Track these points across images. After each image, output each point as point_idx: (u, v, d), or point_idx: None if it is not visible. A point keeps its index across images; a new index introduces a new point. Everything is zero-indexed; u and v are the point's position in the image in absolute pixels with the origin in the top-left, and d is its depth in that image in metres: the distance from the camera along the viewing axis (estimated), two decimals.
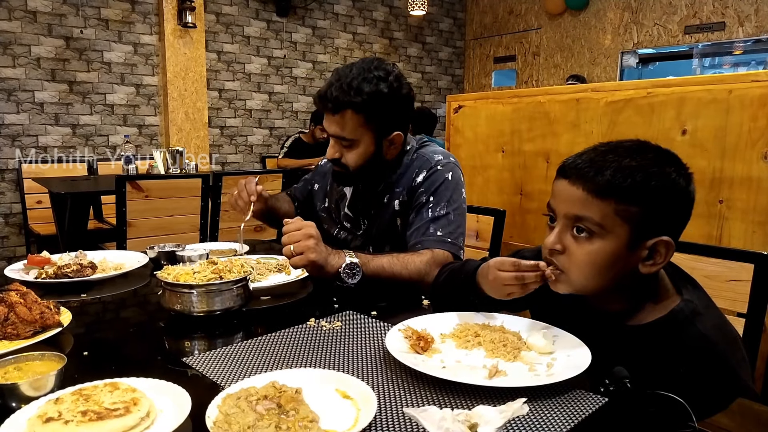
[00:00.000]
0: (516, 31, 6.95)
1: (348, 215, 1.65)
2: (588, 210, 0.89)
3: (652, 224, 0.89)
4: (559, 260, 0.94)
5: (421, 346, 0.95)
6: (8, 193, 4.53)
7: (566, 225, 0.93)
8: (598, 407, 0.79)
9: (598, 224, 0.89)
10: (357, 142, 1.44)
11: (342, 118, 1.40)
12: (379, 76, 1.39)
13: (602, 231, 0.89)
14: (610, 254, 0.90)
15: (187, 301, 1.11)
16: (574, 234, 0.92)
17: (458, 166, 1.56)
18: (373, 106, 1.39)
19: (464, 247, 1.48)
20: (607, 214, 0.88)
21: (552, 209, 0.97)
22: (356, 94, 1.37)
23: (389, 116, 1.43)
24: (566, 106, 2.24)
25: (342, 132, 1.42)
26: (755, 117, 1.73)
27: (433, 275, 1.39)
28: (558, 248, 0.93)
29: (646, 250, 0.90)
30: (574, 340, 0.98)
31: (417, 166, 1.52)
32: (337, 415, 0.75)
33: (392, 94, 1.40)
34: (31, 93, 4.48)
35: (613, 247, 0.89)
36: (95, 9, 4.68)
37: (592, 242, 0.90)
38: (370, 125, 1.42)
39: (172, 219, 3.09)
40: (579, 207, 0.90)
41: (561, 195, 0.94)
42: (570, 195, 0.91)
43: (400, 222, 1.54)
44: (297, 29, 5.94)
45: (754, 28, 5.15)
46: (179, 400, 0.75)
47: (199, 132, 5.20)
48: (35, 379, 0.78)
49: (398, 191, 1.53)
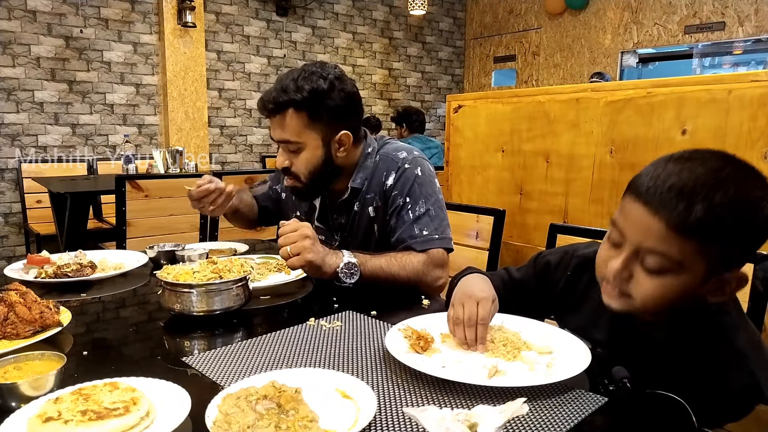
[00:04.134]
0: (516, 31, 6.95)
1: (319, 227, 1.61)
2: (667, 246, 0.79)
3: (731, 261, 0.82)
4: (624, 286, 0.86)
5: (421, 346, 0.95)
6: (8, 193, 4.53)
7: (634, 253, 0.84)
8: (598, 407, 0.79)
9: (676, 262, 0.80)
10: (303, 144, 1.41)
11: (284, 119, 1.38)
12: (319, 74, 1.38)
13: (677, 268, 0.80)
14: (681, 290, 0.82)
15: (186, 301, 1.11)
16: (644, 265, 0.83)
17: (424, 158, 1.53)
18: (314, 103, 1.36)
19: (451, 236, 1.49)
20: (689, 253, 0.79)
21: (620, 230, 0.86)
22: (296, 92, 1.35)
23: (332, 113, 1.40)
24: (566, 105, 2.24)
25: (285, 134, 1.40)
26: (755, 117, 1.73)
27: (431, 275, 1.40)
28: (625, 275, 0.85)
29: (718, 282, 0.83)
30: (574, 340, 0.98)
31: (384, 169, 1.49)
32: (337, 414, 0.74)
33: (332, 89, 1.38)
34: (31, 92, 4.48)
35: (687, 283, 0.82)
36: (95, 8, 4.67)
37: (665, 277, 0.82)
38: (314, 125, 1.39)
39: (171, 218, 3.08)
40: (656, 241, 0.80)
41: (636, 223, 0.82)
42: (648, 226, 0.80)
43: (378, 228, 1.52)
44: (297, 29, 5.94)
45: (754, 28, 5.15)
46: (179, 400, 0.75)
47: (199, 131, 5.20)
48: (35, 379, 0.78)
49: (370, 197, 1.50)
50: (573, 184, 2.24)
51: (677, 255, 0.79)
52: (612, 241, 0.88)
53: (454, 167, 2.70)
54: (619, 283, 0.86)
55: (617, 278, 0.86)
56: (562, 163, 2.27)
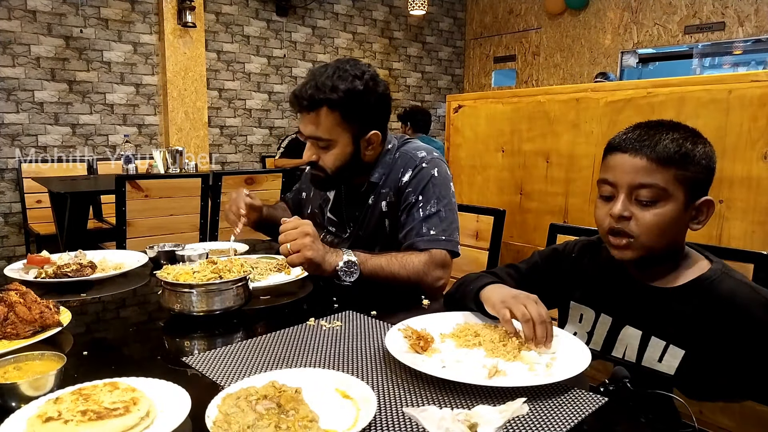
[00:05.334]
0: (516, 31, 6.95)
1: (331, 219, 1.63)
2: (653, 177, 0.98)
3: (698, 187, 1.01)
4: (627, 227, 1.01)
5: (421, 346, 0.95)
6: (8, 193, 4.53)
7: (628, 195, 1.01)
8: (598, 407, 0.79)
9: (662, 189, 0.98)
10: (333, 142, 1.42)
11: (317, 116, 1.39)
12: (354, 74, 1.39)
13: (665, 195, 0.99)
14: (672, 215, 0.99)
15: (186, 301, 1.11)
16: (637, 201, 1.00)
17: (443, 160, 1.54)
18: (348, 103, 1.37)
19: (459, 240, 1.48)
20: (669, 180, 0.98)
21: (610, 183, 1.03)
22: (331, 91, 1.35)
23: (365, 114, 1.41)
24: (566, 106, 2.24)
25: (317, 131, 1.40)
26: (755, 117, 1.73)
27: (432, 275, 1.39)
28: (626, 215, 1.00)
29: (694, 210, 1.02)
30: (574, 340, 0.98)
31: (401, 165, 1.50)
32: (337, 414, 0.74)
33: (367, 91, 1.39)
34: (31, 92, 4.48)
35: (674, 209, 0.99)
36: (95, 8, 4.67)
37: (657, 207, 0.99)
38: (346, 124, 1.40)
39: (171, 219, 3.08)
40: (643, 175, 0.99)
41: (622, 167, 1.01)
42: (633, 165, 1.00)
43: (389, 223, 1.52)
44: (297, 29, 5.94)
45: (754, 28, 5.15)
46: (179, 400, 0.75)
47: (199, 131, 5.20)
48: (35, 379, 0.78)
49: (384, 192, 1.51)
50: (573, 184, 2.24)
51: (662, 182, 0.98)
52: (604, 197, 1.05)
53: (454, 167, 2.70)
54: (622, 226, 1.01)
55: (621, 221, 1.01)
56: (562, 163, 2.27)
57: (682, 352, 1.01)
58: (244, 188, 1.64)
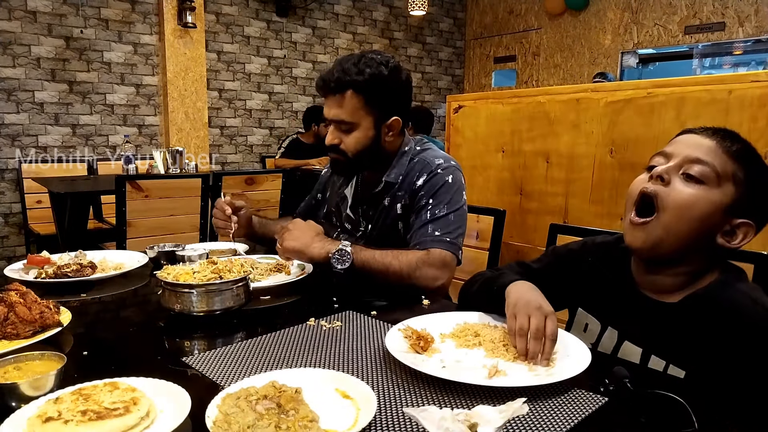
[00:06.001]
0: (516, 31, 6.95)
1: (349, 216, 1.66)
2: (713, 158, 0.92)
3: (748, 204, 0.93)
4: (658, 194, 0.94)
5: (421, 346, 0.95)
6: (8, 193, 4.53)
7: (678, 165, 0.94)
8: (598, 407, 0.79)
9: (716, 173, 0.91)
10: (356, 125, 1.47)
11: (342, 98, 1.44)
12: (380, 60, 1.46)
13: (714, 181, 0.91)
14: (709, 205, 0.91)
15: (187, 301, 1.11)
16: (684, 174, 0.93)
17: (459, 169, 1.56)
18: (373, 87, 1.43)
19: (462, 246, 1.48)
20: (728, 171, 0.91)
21: (665, 154, 0.97)
22: (357, 75, 1.42)
23: (388, 99, 1.47)
24: (566, 106, 2.24)
25: (341, 114, 1.45)
26: (755, 117, 1.73)
27: (425, 272, 1.38)
28: (666, 178, 0.93)
29: (729, 225, 0.93)
30: (574, 340, 0.98)
31: (418, 170, 1.53)
32: (337, 414, 0.75)
33: (392, 77, 1.46)
34: (31, 93, 4.48)
35: (715, 200, 0.91)
36: (95, 9, 4.67)
37: (700, 187, 0.92)
38: (369, 108, 1.45)
39: (171, 219, 3.08)
40: (706, 153, 0.92)
41: (688, 143, 0.95)
42: (698, 143, 0.94)
43: (402, 226, 1.55)
44: (297, 29, 5.94)
45: (754, 28, 5.15)
46: (179, 400, 0.75)
47: (199, 132, 5.20)
48: (35, 379, 0.78)
49: (400, 195, 1.54)
50: (573, 185, 2.24)
51: (719, 167, 0.91)
52: (650, 167, 0.97)
53: None
54: (655, 189, 0.94)
55: (656, 182, 0.94)
56: (563, 164, 2.27)
57: (682, 372, 0.95)
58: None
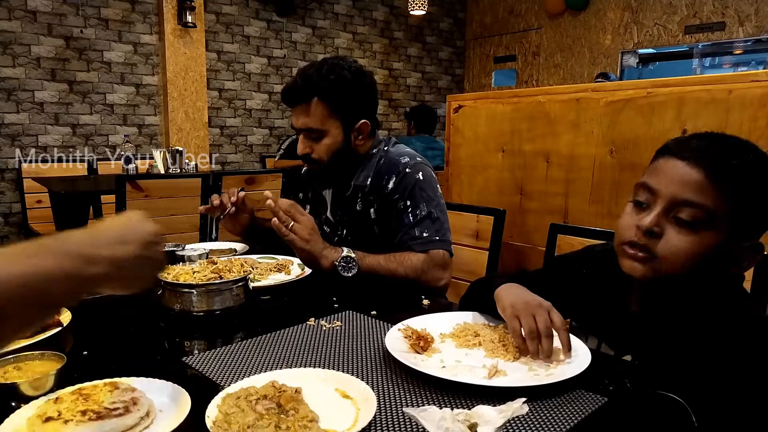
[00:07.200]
0: (516, 31, 6.95)
1: (329, 219, 1.66)
2: (703, 197, 0.81)
3: (753, 226, 0.84)
4: (652, 246, 0.85)
5: (420, 346, 0.95)
6: (8, 193, 4.53)
7: (666, 208, 0.84)
8: (598, 407, 0.79)
9: (710, 213, 0.81)
10: (325, 132, 1.47)
11: (308, 107, 1.45)
12: (342, 65, 1.46)
13: (710, 222, 0.81)
14: (707, 248, 0.82)
15: (187, 301, 1.11)
16: (675, 219, 0.84)
17: (427, 164, 1.57)
18: (338, 92, 1.44)
19: (451, 240, 1.51)
20: (721, 206, 0.81)
21: (650, 189, 0.87)
22: (321, 81, 1.43)
23: (354, 103, 1.48)
24: (566, 106, 2.24)
25: (310, 122, 1.46)
26: (755, 117, 1.73)
27: (431, 274, 1.41)
28: (657, 231, 0.84)
29: (736, 252, 0.85)
30: (574, 340, 0.98)
31: (386, 172, 1.53)
32: (337, 414, 0.75)
33: (356, 81, 1.47)
34: (31, 93, 4.48)
35: (716, 240, 0.82)
36: (95, 9, 4.67)
37: (697, 232, 0.82)
38: (337, 114, 1.46)
39: (171, 219, 3.08)
40: (694, 191, 0.81)
41: (671, 175, 0.84)
42: (686, 177, 0.82)
43: (378, 230, 1.55)
44: (297, 29, 5.94)
45: (754, 28, 5.14)
46: (179, 400, 0.75)
47: (199, 132, 5.20)
48: (35, 379, 0.78)
49: (372, 199, 1.54)
50: (573, 185, 2.23)
51: (711, 205, 0.81)
52: (637, 203, 0.89)
53: (454, 167, 2.70)
54: (647, 242, 0.85)
55: (647, 237, 0.85)
56: (563, 164, 2.27)
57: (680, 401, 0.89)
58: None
